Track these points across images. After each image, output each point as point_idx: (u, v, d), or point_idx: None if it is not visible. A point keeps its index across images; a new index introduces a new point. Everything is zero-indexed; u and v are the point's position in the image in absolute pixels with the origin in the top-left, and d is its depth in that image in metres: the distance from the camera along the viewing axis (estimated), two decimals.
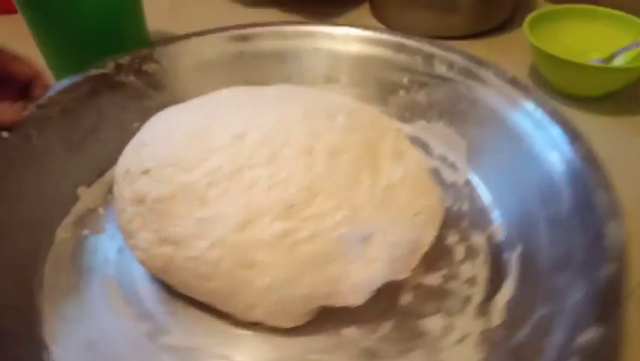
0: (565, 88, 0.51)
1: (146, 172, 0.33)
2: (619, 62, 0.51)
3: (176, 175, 0.32)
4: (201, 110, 0.36)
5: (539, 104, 0.39)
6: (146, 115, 0.42)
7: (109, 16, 0.47)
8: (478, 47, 0.58)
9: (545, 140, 0.37)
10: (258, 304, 0.31)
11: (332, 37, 0.49)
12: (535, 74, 0.54)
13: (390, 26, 0.61)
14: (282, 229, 0.30)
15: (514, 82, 0.41)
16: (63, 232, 0.40)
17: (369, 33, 0.48)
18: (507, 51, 0.57)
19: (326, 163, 0.31)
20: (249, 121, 0.33)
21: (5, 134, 0.40)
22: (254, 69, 0.48)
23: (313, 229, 0.30)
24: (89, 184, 0.43)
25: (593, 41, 0.53)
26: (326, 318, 0.33)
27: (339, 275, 0.31)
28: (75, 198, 0.42)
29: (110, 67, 0.45)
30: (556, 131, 0.37)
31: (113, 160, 0.39)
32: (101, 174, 0.44)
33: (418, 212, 0.33)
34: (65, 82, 0.44)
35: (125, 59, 0.46)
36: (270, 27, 0.50)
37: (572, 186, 0.34)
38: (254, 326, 0.33)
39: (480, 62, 0.43)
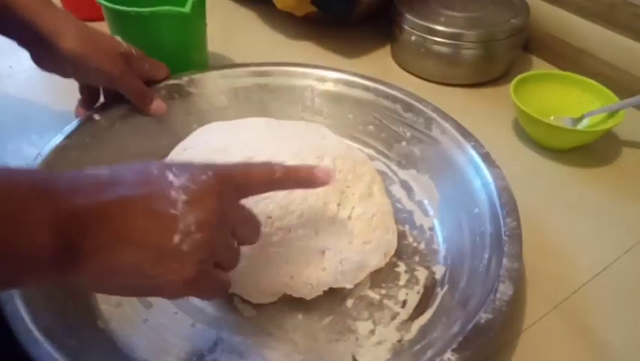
0: (539, 141, 0.62)
1: None
2: (586, 123, 0.62)
3: None
4: (228, 131, 0.49)
5: (497, 179, 0.48)
6: (203, 120, 0.56)
7: (182, 48, 0.62)
8: (474, 95, 0.71)
9: (492, 212, 0.46)
10: (236, 281, 0.43)
11: (354, 84, 0.60)
12: (517, 124, 0.65)
13: (405, 68, 0.74)
14: (260, 231, 0.41)
15: (486, 156, 0.50)
16: None
17: (386, 89, 0.58)
18: (498, 102, 0.68)
19: (303, 191, 0.43)
20: (259, 148, 0.45)
21: (97, 116, 0.54)
22: (270, 99, 0.61)
23: (282, 237, 0.42)
24: None
25: (568, 103, 0.64)
26: (285, 304, 0.45)
27: (295, 273, 0.42)
28: None
29: (184, 80, 0.59)
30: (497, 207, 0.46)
31: (170, 150, 0.53)
32: (161, 158, 0.57)
33: (367, 241, 0.44)
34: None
35: (183, 79, 0.60)
36: (286, 67, 0.62)
37: (490, 253, 0.43)
38: (235, 296, 0.45)
39: (465, 134, 0.53)
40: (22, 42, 0.52)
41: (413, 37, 0.70)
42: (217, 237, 0.32)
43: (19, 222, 0.26)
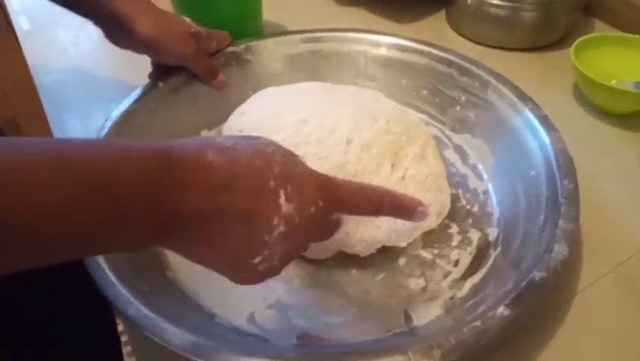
0: (600, 105, 0.60)
1: (240, 132, 0.49)
2: None
3: None
4: (284, 95, 0.51)
5: (555, 142, 0.48)
6: (259, 86, 0.58)
7: (238, 17, 0.64)
8: (532, 60, 0.69)
9: (549, 174, 0.46)
10: None
11: (407, 49, 0.60)
12: (576, 89, 0.63)
13: (461, 33, 0.73)
14: None
15: (544, 119, 0.50)
16: None
17: (440, 52, 0.58)
18: (556, 67, 0.67)
19: (358, 152, 0.44)
20: (313, 110, 0.47)
21: (160, 83, 0.57)
22: (323, 65, 0.62)
23: None
24: (209, 128, 0.59)
25: (631, 66, 0.62)
26: (342, 260, 0.47)
27: (350, 230, 0.44)
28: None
29: (241, 47, 0.61)
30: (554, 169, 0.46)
31: (228, 115, 0.55)
32: (219, 123, 0.59)
33: None
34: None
35: (240, 47, 0.61)
36: (339, 33, 0.62)
37: (546, 215, 0.43)
38: None
39: (524, 98, 0.52)
40: (98, 22, 0.55)
41: (469, 0, 0.69)
42: (287, 263, 0.33)
43: (118, 222, 0.26)
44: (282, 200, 0.30)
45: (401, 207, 0.36)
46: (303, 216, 0.31)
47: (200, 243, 0.30)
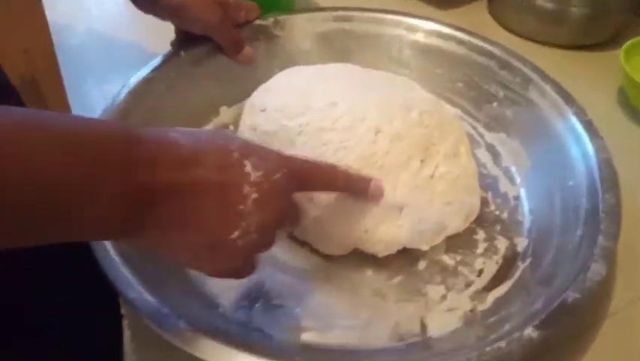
0: None
1: (263, 110, 0.45)
2: None
3: (280, 119, 0.44)
4: (313, 76, 0.47)
5: (599, 151, 0.44)
6: (286, 64, 0.55)
7: None
8: (577, 59, 0.65)
9: (590, 186, 0.43)
10: (309, 228, 0.42)
11: (446, 37, 0.56)
12: (623, 94, 0.59)
13: (503, 24, 0.69)
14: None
15: (588, 125, 0.46)
16: None
17: (481, 43, 0.54)
18: (603, 68, 0.63)
19: (387, 143, 0.41)
20: (344, 94, 0.43)
21: (183, 53, 0.54)
22: (355, 47, 0.58)
23: None
24: (229, 105, 0.56)
25: None
26: (358, 259, 0.44)
27: (369, 227, 0.41)
28: (217, 113, 0.56)
29: (269, 21, 0.57)
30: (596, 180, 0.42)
31: (251, 93, 0.52)
32: (240, 100, 0.56)
33: (449, 202, 0.42)
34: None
35: (269, 20, 0.58)
36: (375, 13, 0.59)
37: (584, 230, 0.40)
38: (305, 244, 0.44)
39: (567, 98, 0.48)
40: None
41: None
42: (270, 236, 0.33)
43: (93, 188, 0.26)
44: (248, 168, 0.31)
45: (354, 183, 0.39)
46: (270, 181, 0.31)
47: (175, 225, 0.29)
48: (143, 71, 0.52)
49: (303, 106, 0.43)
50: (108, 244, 0.37)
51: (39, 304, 0.38)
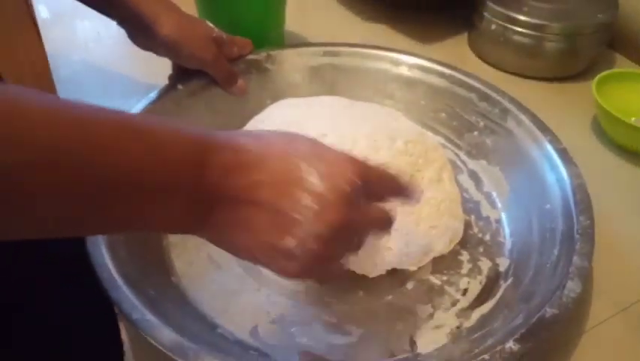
0: (619, 142, 0.59)
1: None
2: None
3: None
4: (303, 107, 0.50)
5: (573, 177, 0.47)
6: (278, 96, 0.58)
7: (261, 25, 0.64)
8: (552, 90, 0.69)
9: (565, 209, 0.46)
10: None
11: (429, 70, 0.60)
12: (596, 123, 0.63)
13: (482, 58, 0.73)
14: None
15: (563, 152, 0.49)
16: None
17: (462, 76, 0.58)
18: (577, 99, 0.66)
19: None
20: (333, 126, 0.46)
21: (180, 86, 0.57)
22: (342, 80, 0.61)
23: None
24: None
25: None
26: (349, 280, 0.46)
27: (359, 250, 0.43)
28: None
29: (262, 55, 0.61)
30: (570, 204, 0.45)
31: (244, 123, 0.55)
32: (234, 129, 0.59)
33: (434, 226, 0.44)
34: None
35: (261, 55, 0.61)
36: (361, 49, 0.62)
37: (560, 250, 0.43)
38: None
39: (544, 129, 0.52)
40: (122, 23, 0.55)
41: (493, 26, 0.69)
42: (332, 250, 0.32)
43: (167, 188, 0.28)
44: (313, 178, 0.30)
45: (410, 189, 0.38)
46: (336, 191, 0.30)
47: (232, 227, 0.30)
48: (142, 103, 0.54)
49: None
50: (111, 266, 0.39)
51: (39, 304, 0.39)
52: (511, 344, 0.36)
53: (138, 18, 0.52)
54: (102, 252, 0.40)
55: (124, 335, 0.42)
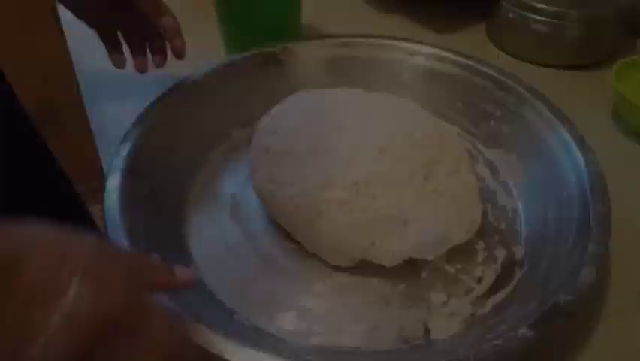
0: (637, 128, 0.58)
1: (274, 132, 0.49)
2: None
3: (291, 140, 0.47)
4: (321, 99, 0.51)
5: (590, 164, 0.47)
6: (294, 88, 0.58)
7: (278, 17, 0.65)
8: (572, 79, 0.68)
9: (581, 197, 0.45)
10: (316, 240, 0.45)
11: (444, 60, 0.60)
12: (616, 113, 0.62)
13: (500, 47, 0.72)
14: (346, 197, 0.43)
15: (580, 140, 0.49)
16: (216, 153, 0.57)
17: (478, 65, 0.58)
18: (597, 87, 0.65)
19: (391, 163, 0.44)
20: (350, 117, 0.47)
21: (194, 79, 0.57)
22: (358, 71, 0.61)
23: (366, 203, 0.43)
24: (243, 126, 0.59)
25: None
26: (364, 269, 0.46)
27: (376, 240, 0.44)
28: (229, 135, 0.59)
29: (278, 48, 0.61)
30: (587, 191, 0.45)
31: (261, 115, 0.55)
32: (252, 122, 0.59)
33: (450, 216, 0.44)
34: (244, 54, 0.61)
35: (278, 47, 0.61)
36: (377, 39, 0.62)
37: (576, 238, 0.42)
38: (314, 255, 0.47)
39: (561, 117, 0.51)
40: None
41: (511, 14, 0.68)
42: None
43: None
44: (71, 292, 0.25)
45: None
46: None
47: None
48: (159, 97, 0.55)
49: (312, 128, 0.47)
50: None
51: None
52: (524, 330, 0.36)
53: None
54: (122, 241, 0.41)
55: None
